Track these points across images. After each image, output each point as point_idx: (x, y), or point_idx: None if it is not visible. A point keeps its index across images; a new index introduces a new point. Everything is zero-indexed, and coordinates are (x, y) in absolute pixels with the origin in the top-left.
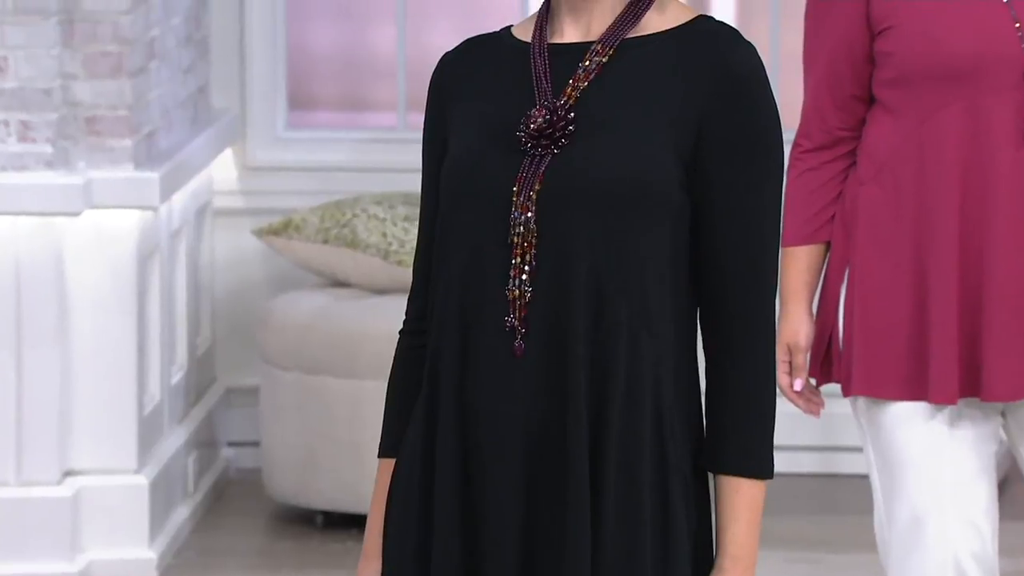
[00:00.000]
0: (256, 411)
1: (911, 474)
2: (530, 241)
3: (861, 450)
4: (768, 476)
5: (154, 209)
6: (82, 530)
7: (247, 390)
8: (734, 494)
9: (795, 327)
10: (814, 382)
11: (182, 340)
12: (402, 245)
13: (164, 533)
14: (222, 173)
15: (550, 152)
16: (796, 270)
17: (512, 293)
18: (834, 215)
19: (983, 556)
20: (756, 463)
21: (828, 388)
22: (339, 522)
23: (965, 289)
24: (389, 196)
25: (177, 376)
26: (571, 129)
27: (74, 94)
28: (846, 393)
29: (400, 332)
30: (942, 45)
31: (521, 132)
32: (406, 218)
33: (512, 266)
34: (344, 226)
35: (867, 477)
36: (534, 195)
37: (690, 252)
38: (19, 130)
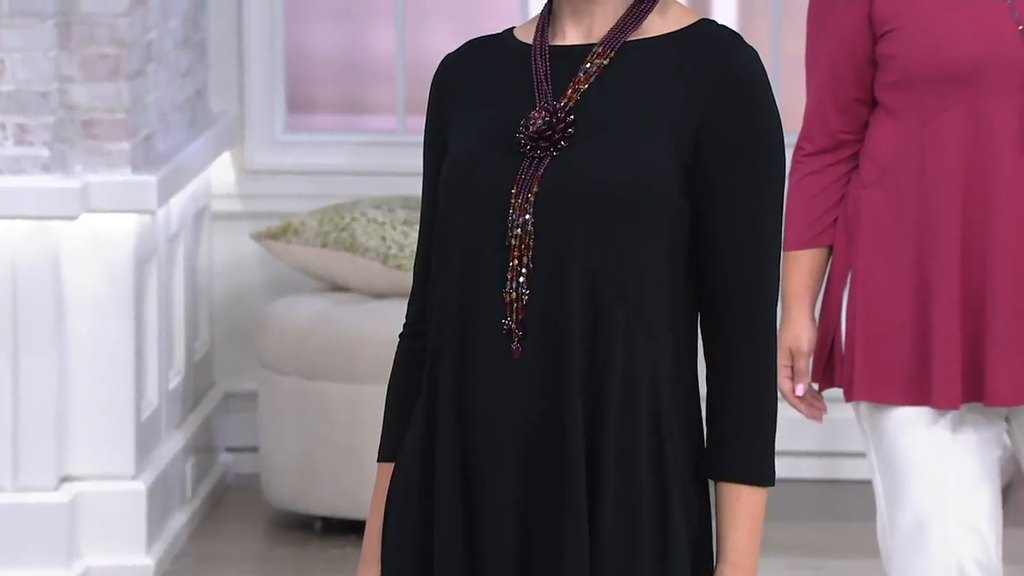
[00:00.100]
0: (254, 416)
1: (914, 479)
2: (528, 243)
3: (864, 456)
4: (769, 483)
5: (152, 213)
6: (79, 536)
7: (245, 395)
8: (735, 501)
9: (797, 332)
10: (816, 387)
11: (180, 345)
12: (401, 249)
13: (162, 539)
14: (220, 176)
15: (549, 154)
16: (798, 274)
17: (509, 296)
18: (836, 219)
19: (986, 562)
20: (757, 470)
21: (830, 393)
22: (338, 528)
23: (967, 293)
24: (388, 200)
25: (175, 381)
26: (570, 131)
27: (71, 97)
28: (848, 398)
29: (400, 335)
30: (944, 48)
31: (520, 134)
32: (405, 222)
33: (510, 268)
34: (343, 230)
35: (870, 483)
36: (532, 197)
37: (689, 256)
38: (16, 133)
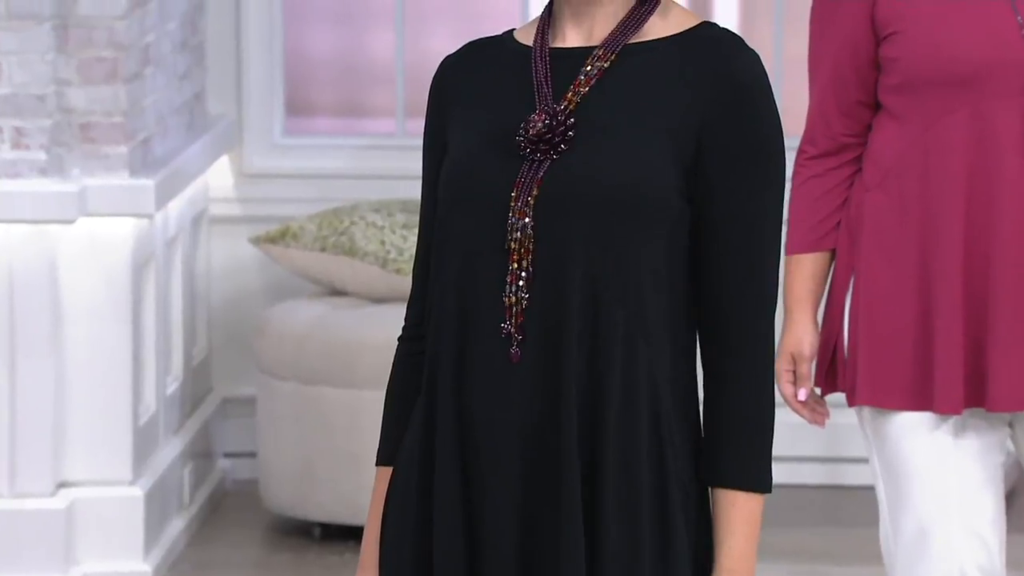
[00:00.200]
0: (253, 421)
1: (916, 485)
2: (527, 247)
3: (866, 461)
4: (766, 490)
5: (149, 217)
6: (76, 543)
7: (244, 400)
8: (731, 507)
9: (799, 336)
10: (819, 391)
11: (178, 349)
12: (400, 253)
13: (159, 546)
14: (218, 180)
15: (549, 158)
16: (801, 278)
17: (509, 299)
18: (839, 222)
19: (990, 568)
20: (753, 476)
21: (833, 398)
22: (337, 534)
23: (970, 297)
24: (387, 203)
25: (173, 386)
26: (571, 135)
27: (68, 100)
28: (851, 403)
29: (398, 338)
30: (947, 51)
31: (520, 137)
32: (404, 226)
33: (509, 272)
34: (342, 234)
35: (872, 489)
36: (532, 200)
37: (689, 259)
38: (13, 137)
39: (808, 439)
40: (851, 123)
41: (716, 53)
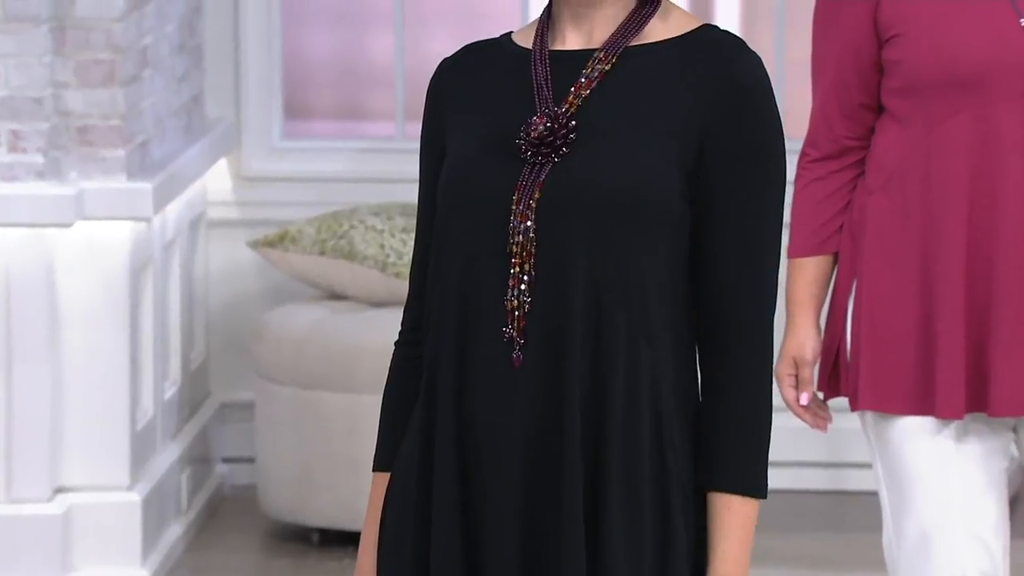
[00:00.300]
0: (251, 427)
1: (919, 489)
2: (529, 250)
3: (869, 466)
4: (761, 495)
5: (147, 220)
6: (73, 548)
7: (242, 405)
8: (726, 511)
9: (801, 340)
10: (821, 396)
11: (175, 354)
12: (400, 257)
13: (157, 551)
14: (217, 184)
15: (550, 160)
16: (803, 281)
17: (511, 303)
18: (842, 226)
19: (993, 574)
20: (748, 481)
21: (836, 402)
22: (335, 540)
23: (972, 301)
24: (387, 207)
25: (170, 391)
26: (572, 137)
27: (66, 103)
28: (854, 407)
29: (395, 343)
30: (950, 53)
31: (521, 140)
32: (404, 229)
33: (511, 276)
34: (341, 237)
35: (875, 494)
36: (534, 204)
37: (690, 261)
38: (9, 140)
39: (810, 444)
40: (854, 126)
41: (718, 56)
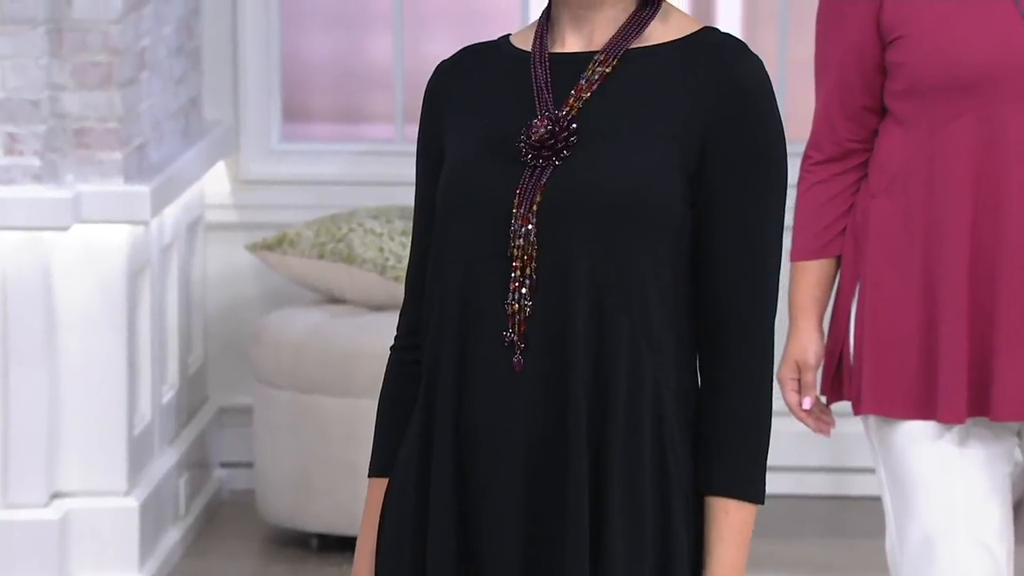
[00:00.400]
0: (249, 431)
1: (922, 494)
2: (530, 254)
3: (872, 471)
4: (758, 500)
5: (145, 224)
6: (70, 554)
7: (240, 409)
8: (723, 515)
9: (804, 344)
10: (824, 400)
11: (173, 358)
12: (399, 260)
13: (154, 557)
14: (215, 187)
15: (551, 164)
16: (806, 285)
17: (511, 307)
18: (845, 229)
19: None
20: (746, 485)
21: (838, 407)
22: (334, 545)
23: (976, 304)
24: (386, 210)
25: (168, 395)
26: (573, 140)
27: (63, 105)
28: (857, 411)
29: (391, 347)
30: (954, 55)
31: (521, 143)
32: (403, 232)
33: (512, 279)
34: (340, 241)
35: (878, 499)
36: (535, 207)
37: (691, 266)
38: (6, 142)
39: (813, 449)
40: (857, 128)
41: (719, 59)
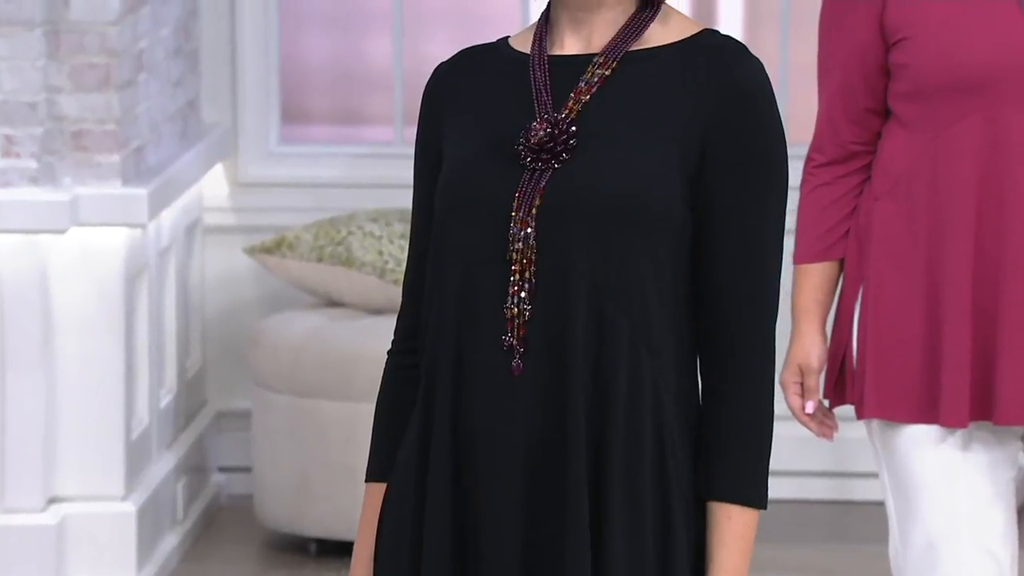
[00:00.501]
0: (248, 435)
1: (925, 498)
2: (529, 257)
3: (874, 476)
4: (761, 505)
5: (142, 226)
6: (67, 559)
7: (238, 414)
8: (725, 520)
9: (807, 347)
10: (827, 404)
11: (171, 362)
12: (398, 264)
13: (152, 562)
14: (213, 189)
15: (550, 167)
16: (809, 288)
17: (510, 311)
18: (848, 231)
19: None
20: (748, 490)
21: (841, 411)
22: (333, 550)
23: (979, 307)
24: (385, 213)
25: (166, 399)
26: (572, 143)
27: (60, 108)
28: (860, 415)
29: (388, 352)
30: (957, 56)
31: (521, 146)
32: (402, 236)
33: (511, 283)
34: (339, 244)
35: (881, 504)
36: (534, 210)
37: (692, 269)
38: (3, 145)
39: (815, 453)
40: (860, 131)
41: (719, 61)
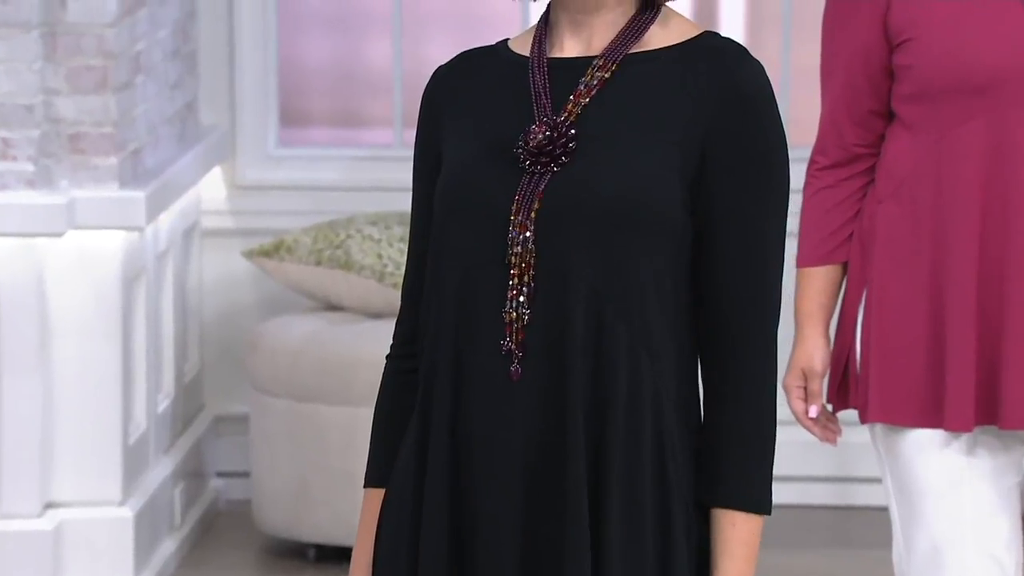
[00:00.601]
0: (246, 440)
1: (930, 503)
2: (528, 261)
3: (877, 481)
4: (765, 511)
5: (140, 230)
6: (64, 565)
7: (236, 418)
8: (729, 528)
9: (810, 351)
10: (831, 408)
11: (169, 366)
12: (398, 267)
13: (150, 568)
14: (211, 192)
15: (550, 170)
16: (812, 291)
17: (509, 315)
18: (851, 234)
19: None
20: (752, 496)
21: (844, 416)
22: (332, 556)
23: (984, 311)
24: (384, 216)
25: (163, 404)
26: (572, 146)
27: (57, 110)
28: (863, 420)
29: (387, 356)
30: (962, 58)
31: (520, 149)
32: (402, 239)
33: (509, 287)
34: (338, 247)
35: (883, 510)
36: (533, 214)
37: (692, 273)
38: None
39: (818, 458)
40: (864, 133)
41: (720, 63)
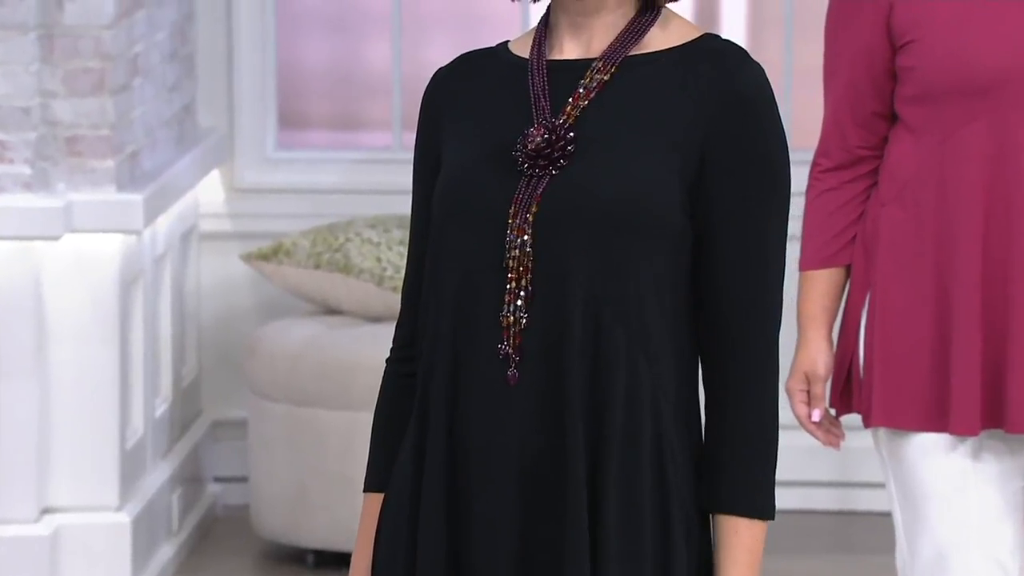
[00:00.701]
0: (244, 445)
1: (934, 508)
2: (526, 265)
3: (880, 486)
4: (769, 516)
5: (137, 233)
6: (61, 570)
7: (235, 423)
8: (732, 534)
9: (813, 355)
10: (834, 412)
11: (166, 371)
12: (397, 271)
13: (147, 573)
14: (209, 195)
15: (548, 173)
16: (815, 295)
17: (507, 320)
18: (855, 237)
19: None
20: (755, 502)
21: (846, 420)
22: (331, 561)
23: (989, 314)
24: (383, 219)
25: (161, 408)
26: (570, 149)
27: (54, 112)
28: (867, 424)
29: (387, 360)
30: (966, 58)
31: (518, 151)
32: (401, 242)
33: (507, 291)
34: (336, 251)
35: (886, 515)
36: (531, 217)
37: (691, 277)
38: None
39: (820, 463)
40: (867, 135)
41: (720, 66)
